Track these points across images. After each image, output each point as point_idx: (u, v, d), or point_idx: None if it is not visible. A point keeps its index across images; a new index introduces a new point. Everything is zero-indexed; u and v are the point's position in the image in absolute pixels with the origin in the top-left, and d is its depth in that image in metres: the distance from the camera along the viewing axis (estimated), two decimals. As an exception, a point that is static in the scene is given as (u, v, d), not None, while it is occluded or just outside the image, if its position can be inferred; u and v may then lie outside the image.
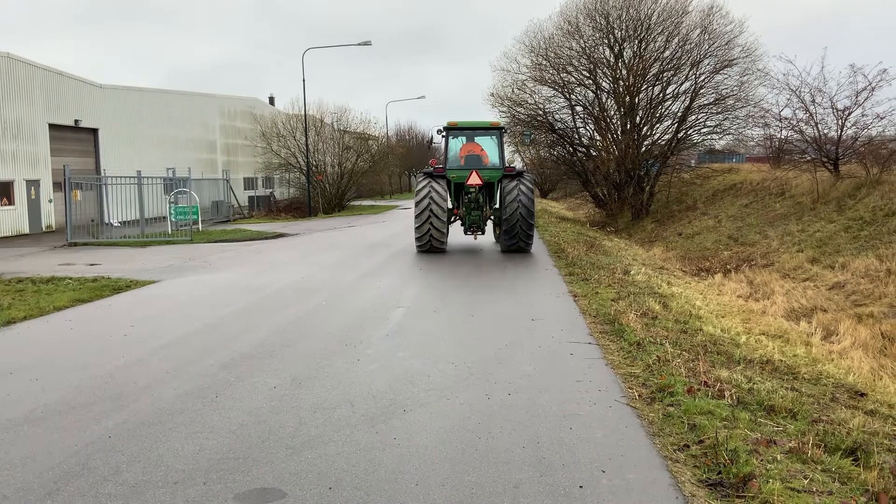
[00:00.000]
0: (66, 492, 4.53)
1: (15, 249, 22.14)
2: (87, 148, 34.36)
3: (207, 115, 46.81)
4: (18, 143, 28.99)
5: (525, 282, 12.99)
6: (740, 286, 16.46)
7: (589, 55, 32.78)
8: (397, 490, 4.50)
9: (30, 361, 7.92)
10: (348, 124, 47.91)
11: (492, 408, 6.01)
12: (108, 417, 5.91)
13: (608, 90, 33.31)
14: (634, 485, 4.56)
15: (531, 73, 34.11)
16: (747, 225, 24.32)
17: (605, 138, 33.57)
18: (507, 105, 35.59)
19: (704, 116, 32.15)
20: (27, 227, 29.36)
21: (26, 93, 29.51)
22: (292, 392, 6.52)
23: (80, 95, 33.26)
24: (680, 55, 31.33)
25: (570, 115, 34.80)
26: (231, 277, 14.54)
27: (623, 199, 33.43)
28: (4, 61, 28.35)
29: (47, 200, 30.80)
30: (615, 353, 7.81)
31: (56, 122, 31.42)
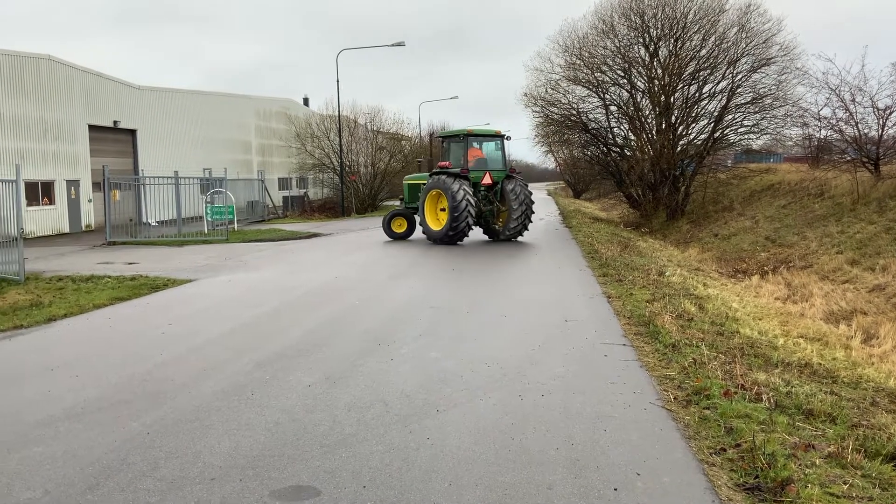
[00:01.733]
0: (106, 486, 4.61)
1: (55, 248, 22.60)
2: (126, 148, 34.96)
3: (243, 116, 47.33)
4: (59, 143, 29.60)
5: (558, 282, 12.93)
6: (778, 288, 16.21)
7: (624, 54, 32.51)
8: (431, 490, 4.51)
9: (70, 358, 8.08)
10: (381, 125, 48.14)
11: (525, 409, 5.99)
12: (147, 414, 6.01)
13: (643, 89, 33.00)
14: (670, 488, 4.52)
15: (565, 73, 33.93)
16: (785, 226, 23.94)
17: (640, 138, 33.27)
18: (540, 105, 35.46)
19: (741, 116, 31.68)
20: (67, 226, 29.95)
21: (66, 94, 30.11)
22: (326, 391, 6.57)
23: (118, 97, 33.84)
24: (716, 54, 30.92)
25: (604, 114, 34.56)
26: (266, 277, 14.69)
27: (658, 199, 33.10)
28: (45, 64, 28.95)
29: (87, 200, 31.39)
30: (650, 354, 7.74)
31: (95, 123, 32.03)
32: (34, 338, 9.38)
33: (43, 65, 28.81)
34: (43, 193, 28.69)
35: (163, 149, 37.01)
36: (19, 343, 9.07)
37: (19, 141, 27.31)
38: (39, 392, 6.76)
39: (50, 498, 4.46)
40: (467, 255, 17.56)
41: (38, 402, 6.45)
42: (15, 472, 4.86)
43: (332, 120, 44.53)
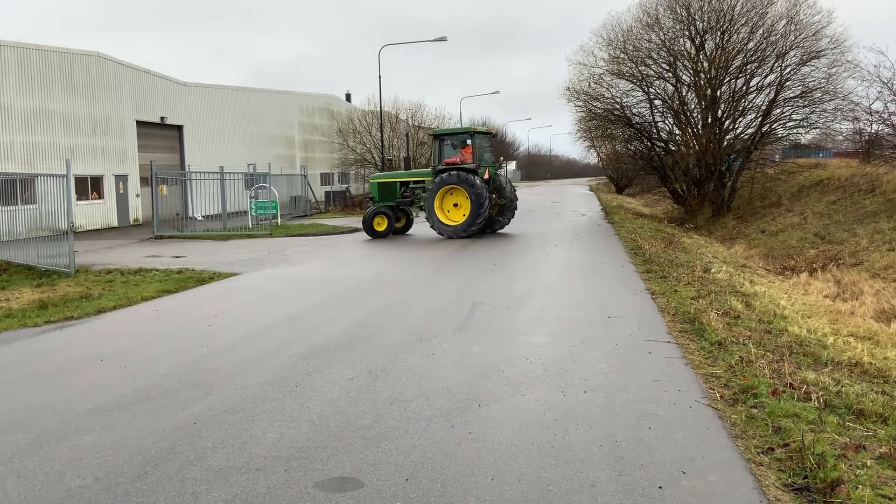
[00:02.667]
0: (154, 475, 4.70)
1: (104, 242, 23.11)
2: (173, 144, 35.58)
3: (286, 112, 47.80)
4: (108, 139, 30.25)
5: (601, 279, 12.82)
6: (827, 286, 15.85)
7: (669, 47, 32.02)
8: (473, 484, 4.50)
9: (119, 349, 8.26)
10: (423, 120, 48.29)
11: (567, 405, 5.95)
12: (194, 404, 6.11)
13: (688, 83, 32.46)
14: (716, 487, 4.45)
15: (608, 67, 33.52)
16: (835, 222, 23.39)
17: (685, 132, 32.76)
18: (582, 99, 35.07)
19: (790, 110, 30.96)
20: (116, 220, 30.62)
21: (115, 91, 30.75)
22: (369, 384, 6.61)
23: (165, 93, 34.45)
24: (764, 47, 30.26)
25: (648, 109, 34.07)
26: (309, 271, 14.83)
27: (703, 194, 32.57)
28: (94, 61, 29.59)
29: (135, 195, 32.03)
30: (695, 352, 7.62)
31: (143, 119, 32.65)
32: (84, 329, 9.61)
33: (92, 62, 29.45)
34: (92, 188, 29.35)
35: (208, 144, 37.58)
36: (70, 334, 9.30)
37: (70, 136, 27.97)
38: (89, 382, 6.92)
39: (100, 486, 4.56)
40: (506, 250, 17.51)
41: (88, 391, 6.60)
42: (66, 460, 4.98)
43: (373, 115, 44.79)
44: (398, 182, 22.76)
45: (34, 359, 8.02)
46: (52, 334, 9.28)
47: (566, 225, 25.44)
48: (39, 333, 9.34)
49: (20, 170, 24.33)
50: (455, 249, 18.01)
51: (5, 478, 4.71)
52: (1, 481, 4.66)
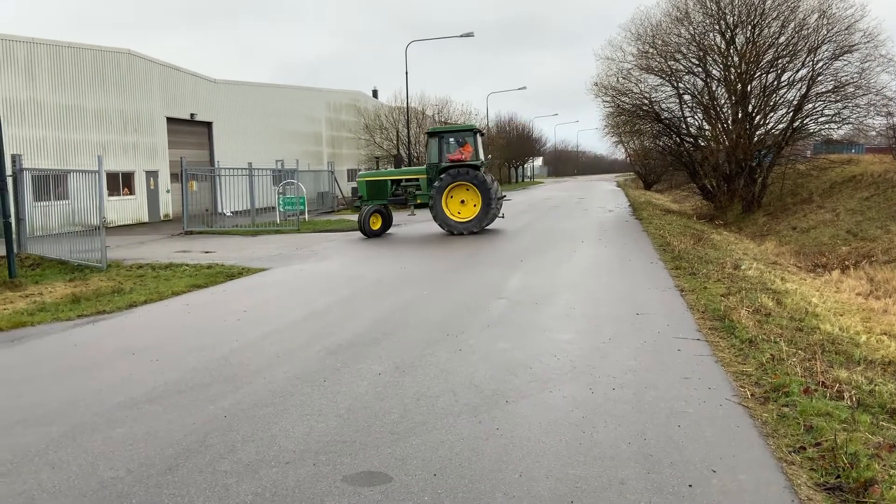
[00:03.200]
0: (185, 468, 4.75)
1: (135, 237, 23.41)
2: (202, 140, 35.92)
3: (314, 109, 48.04)
4: (139, 135, 30.63)
5: (629, 275, 12.73)
6: (860, 283, 15.61)
7: (698, 42, 31.69)
8: (501, 480, 4.50)
9: (150, 343, 8.36)
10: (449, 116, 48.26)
11: (596, 402, 5.92)
12: (224, 398, 6.17)
13: (718, 78, 32.10)
14: (747, 486, 4.40)
15: (637, 62, 33.27)
16: (867, 219, 23.02)
17: (715, 128, 32.41)
18: (610, 94, 34.86)
19: (822, 105, 30.50)
20: (146, 215, 31.00)
21: (145, 87, 31.11)
22: (396, 379, 6.63)
23: (195, 90, 34.78)
24: (796, 41, 29.82)
25: (677, 104, 33.76)
26: (336, 266, 14.90)
27: (733, 191, 32.21)
28: (125, 58, 29.96)
29: (165, 190, 32.40)
30: (725, 350, 7.54)
31: (173, 116, 33.01)
32: (116, 323, 9.74)
33: (123, 59, 29.82)
34: (123, 184, 29.74)
35: (237, 140, 37.89)
36: (102, 328, 9.43)
37: (101, 133, 28.36)
38: (121, 375, 7.02)
39: (132, 477, 4.63)
40: (532, 246, 17.45)
41: (120, 385, 6.69)
42: (99, 452, 5.06)
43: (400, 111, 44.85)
44: (389, 180, 22.48)
45: (67, 352, 8.15)
46: (85, 328, 9.42)
47: (593, 221, 25.30)
48: (72, 327, 9.49)
49: (53, 166, 24.72)
50: (479, 246, 17.99)
51: (40, 469, 4.79)
52: (35, 472, 4.74)
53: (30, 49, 25.20)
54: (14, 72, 24.47)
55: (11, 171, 16.68)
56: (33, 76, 25.27)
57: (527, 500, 4.24)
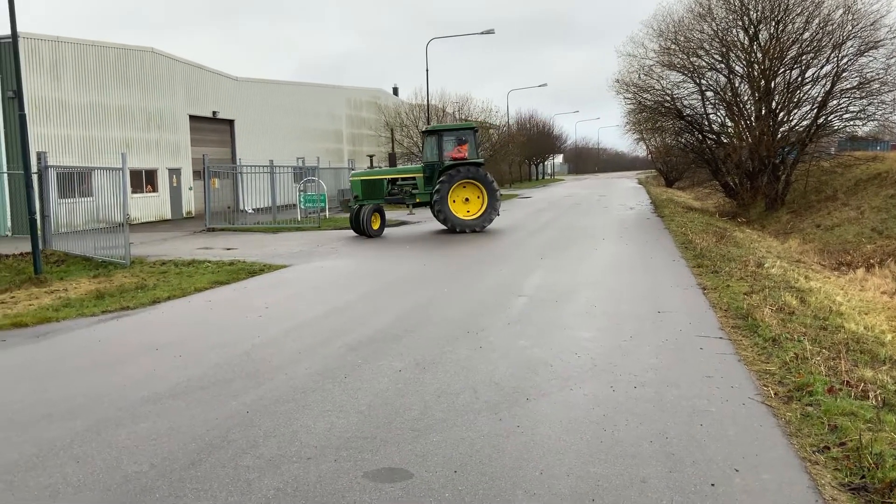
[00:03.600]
0: (207, 462, 4.79)
1: (158, 234, 23.62)
2: (224, 138, 36.15)
3: (334, 106, 48.18)
4: (161, 133, 30.88)
5: (651, 273, 12.66)
6: (885, 282, 15.39)
7: (721, 38, 31.39)
8: (521, 477, 4.49)
9: (173, 339, 8.44)
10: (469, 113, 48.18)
11: (617, 400, 5.89)
12: (246, 393, 6.22)
13: (742, 74, 31.79)
14: (770, 485, 4.36)
15: (659, 58, 33.03)
16: (893, 217, 22.70)
17: (738, 124, 32.10)
18: (632, 91, 34.66)
19: (847, 101, 30.10)
20: (169, 212, 31.26)
21: (168, 85, 31.36)
22: (417, 376, 6.64)
23: (217, 88, 35.01)
24: (820, 37, 29.46)
25: (699, 100, 33.48)
26: (357, 263, 14.95)
27: (756, 188, 31.90)
28: (149, 56, 30.22)
29: (188, 188, 32.65)
30: (748, 348, 7.48)
31: (195, 114, 33.25)
32: (140, 319, 9.84)
33: (146, 57, 30.08)
34: (146, 181, 30.01)
35: (259, 138, 38.10)
36: (126, 324, 9.53)
37: (125, 130, 28.62)
38: (145, 371, 7.09)
39: (156, 472, 4.67)
40: (552, 244, 17.40)
41: (143, 380, 6.76)
42: (123, 447, 5.11)
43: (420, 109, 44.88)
44: (385, 179, 21.93)
45: (92, 348, 8.24)
46: (109, 324, 9.52)
47: (614, 218, 25.19)
48: (97, 323, 9.59)
49: (77, 163, 24.98)
50: (499, 244, 17.97)
51: (65, 463, 4.85)
52: (61, 466, 4.80)
53: (55, 48, 25.48)
54: (40, 71, 24.75)
55: (37, 169, 16.89)
56: (58, 75, 25.55)
57: (548, 498, 4.23)
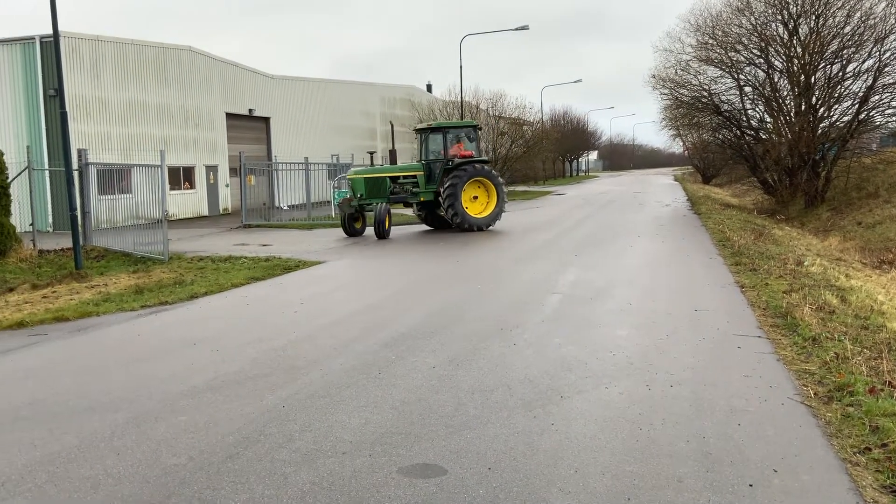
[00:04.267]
0: (245, 456, 4.85)
1: (196, 230, 23.94)
2: (260, 135, 36.51)
3: (368, 104, 48.37)
4: (199, 130, 31.29)
5: (687, 271, 12.52)
6: (929, 281, 15.03)
7: (760, 32, 30.88)
8: (556, 475, 4.48)
9: (211, 334, 8.55)
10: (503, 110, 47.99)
11: (653, 399, 5.84)
12: (282, 388, 6.28)
13: (781, 69, 31.26)
14: (809, 486, 4.29)
15: (696, 53, 32.61)
16: (938, 214, 22.17)
17: (777, 120, 31.58)
18: (668, 87, 34.31)
19: (889, 96, 29.43)
20: (206, 209, 31.67)
21: (206, 84, 31.76)
22: (451, 373, 6.64)
23: (253, 86, 35.36)
24: (862, 31, 28.82)
25: (737, 95, 33.01)
26: (390, 260, 15.00)
27: (795, 185, 31.36)
28: (186, 55, 30.62)
29: (224, 185, 33.03)
30: (787, 348, 7.36)
31: (232, 111, 33.62)
32: (178, 314, 9.98)
33: (184, 56, 30.48)
34: (184, 178, 30.43)
35: (294, 135, 38.40)
36: (164, 319, 9.68)
37: (163, 128, 29.05)
38: (183, 365, 7.19)
39: (193, 464, 4.74)
40: (587, 241, 17.29)
41: (181, 374, 6.86)
42: (162, 439, 5.19)
43: (454, 106, 44.81)
44: (388, 178, 20.96)
45: (131, 342, 8.38)
46: (148, 318, 9.68)
47: (650, 215, 24.95)
48: (136, 317, 9.76)
49: (117, 160, 25.42)
50: (532, 240, 17.90)
51: (105, 455, 4.94)
52: (101, 458, 4.89)
53: (95, 47, 25.94)
54: (80, 69, 25.22)
55: (77, 166, 17.22)
56: (98, 73, 26.00)
57: (583, 496, 4.21)
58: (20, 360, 7.67)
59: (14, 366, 7.46)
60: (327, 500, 4.20)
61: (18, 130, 24.68)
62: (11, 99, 24.80)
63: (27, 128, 24.71)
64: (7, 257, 14.95)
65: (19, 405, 6.08)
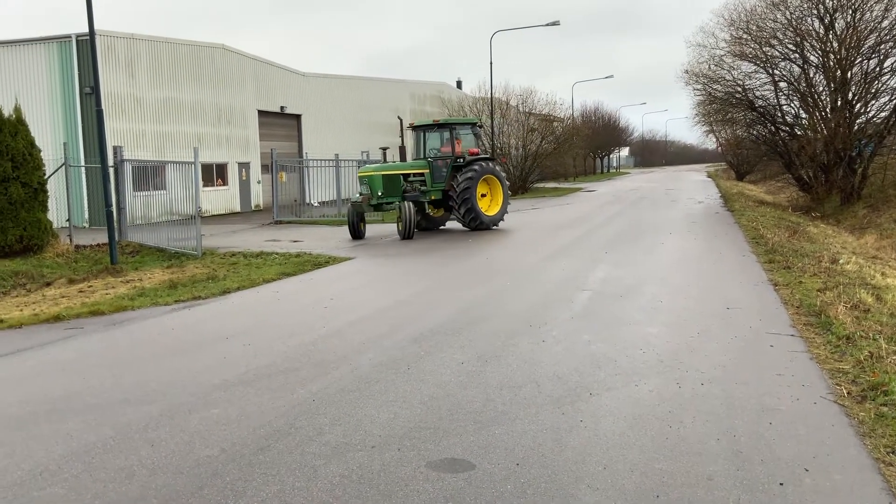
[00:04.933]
0: (275, 448, 4.91)
1: (228, 226, 24.21)
2: (291, 132, 36.79)
3: (398, 100, 48.46)
4: (232, 128, 31.62)
5: (719, 268, 12.39)
6: (969, 280, 14.71)
7: (795, 27, 30.40)
8: (584, 472, 4.47)
9: (243, 328, 8.65)
10: (533, 106, 47.77)
11: (683, 397, 5.80)
12: (312, 382, 6.34)
13: (816, 64, 30.75)
14: (841, 486, 4.24)
15: (730, 48, 32.19)
16: (979, 212, 21.67)
17: (812, 116, 31.08)
18: (701, 82, 33.93)
19: (928, 92, 28.87)
20: (238, 205, 32.00)
21: (238, 81, 32.08)
22: (479, 369, 6.66)
23: (285, 83, 35.63)
24: (900, 24, 28.28)
25: (772, 91, 32.54)
26: (419, 256, 15.05)
27: (831, 182, 30.84)
28: (220, 53, 30.95)
29: (256, 181, 33.35)
30: (821, 346, 7.26)
31: (264, 109, 33.91)
32: (211, 308, 10.12)
33: (217, 54, 30.81)
34: (217, 175, 30.78)
35: (324, 132, 38.64)
36: (198, 313, 9.81)
37: (196, 125, 29.41)
38: (216, 358, 7.29)
39: (226, 456, 4.81)
40: (617, 238, 17.18)
41: (214, 367, 6.96)
42: (195, 431, 5.28)
43: (484, 102, 44.74)
44: (401, 174, 19.82)
45: (165, 336, 8.52)
46: (182, 313, 9.82)
47: (682, 212, 24.72)
48: (170, 312, 9.91)
49: (151, 157, 25.79)
50: (563, 237, 17.83)
51: (139, 446, 5.03)
52: (136, 449, 4.98)
53: (130, 45, 26.33)
54: (116, 67, 25.61)
55: (113, 162, 17.50)
56: (133, 72, 26.39)
57: (611, 493, 4.21)
58: (57, 353, 7.84)
59: (51, 358, 7.63)
60: (356, 493, 4.24)
61: (55, 128, 25.14)
62: (49, 97, 25.27)
63: (64, 125, 25.17)
64: (44, 252, 15.26)
65: (56, 397, 6.21)
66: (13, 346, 8.20)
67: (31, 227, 15.14)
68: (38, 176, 15.54)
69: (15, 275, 13.07)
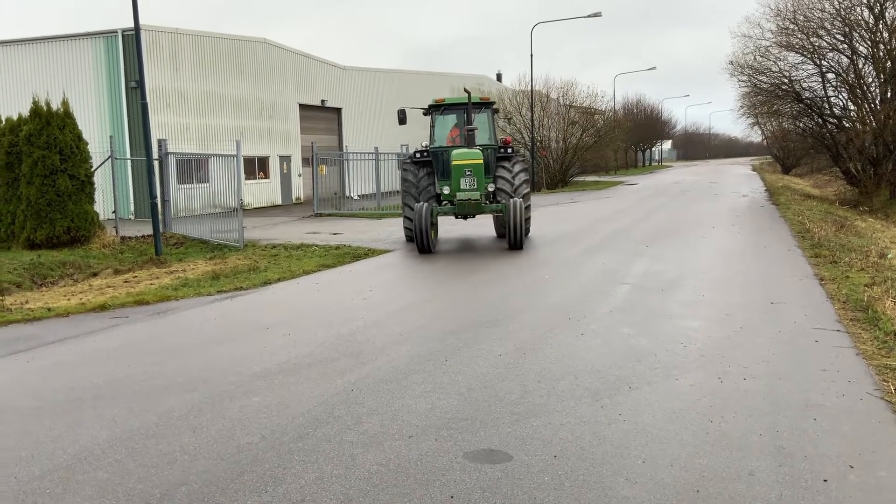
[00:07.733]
0: (314, 437, 4.96)
1: (269, 219, 24.48)
2: (332, 126, 37.04)
3: (438, 93, 48.31)
4: (273, 121, 31.94)
5: (765, 263, 12.18)
6: None
7: (844, 17, 29.66)
8: (623, 466, 4.43)
9: (283, 318, 8.75)
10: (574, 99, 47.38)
11: (725, 392, 5.72)
12: (351, 372, 6.39)
13: (865, 55, 29.97)
14: (887, 483, 4.14)
15: (776, 39, 31.54)
16: None
17: (861, 108, 30.31)
18: (747, 74, 33.29)
19: (982, 83, 27.95)
20: (279, 198, 32.34)
21: (280, 75, 32.38)
22: (517, 361, 6.64)
23: (326, 77, 35.88)
24: (955, 12, 27.45)
25: (819, 83, 31.81)
26: (457, 249, 15.03)
27: (880, 175, 30.06)
28: (261, 47, 31.26)
29: (297, 174, 33.67)
30: (868, 342, 7.09)
31: (305, 102, 34.20)
32: (252, 299, 10.25)
33: (259, 48, 31.13)
34: (259, 168, 31.14)
35: (364, 125, 38.81)
36: (239, 304, 9.95)
37: (238, 119, 29.76)
38: (257, 348, 7.38)
39: (265, 443, 4.87)
40: (659, 231, 16.97)
41: (255, 356, 7.05)
42: (236, 419, 5.35)
43: (524, 95, 44.51)
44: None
45: (208, 325, 8.65)
46: (224, 303, 9.96)
47: (725, 206, 24.34)
48: (212, 302, 10.06)
49: (195, 150, 26.17)
50: (602, 231, 17.68)
51: (182, 432, 5.12)
52: (178, 435, 5.07)
53: (174, 39, 26.72)
54: (160, 62, 26.02)
55: (157, 155, 17.80)
56: (177, 66, 26.79)
57: (650, 487, 4.16)
58: (102, 342, 8.02)
59: (97, 346, 7.80)
60: (394, 482, 4.26)
61: (102, 121, 25.64)
62: (95, 91, 25.78)
63: (110, 119, 25.66)
64: (91, 243, 15.61)
65: (101, 384, 6.35)
66: (61, 333, 8.40)
67: (78, 219, 15.48)
68: (85, 168, 15.88)
69: (63, 265, 13.39)
